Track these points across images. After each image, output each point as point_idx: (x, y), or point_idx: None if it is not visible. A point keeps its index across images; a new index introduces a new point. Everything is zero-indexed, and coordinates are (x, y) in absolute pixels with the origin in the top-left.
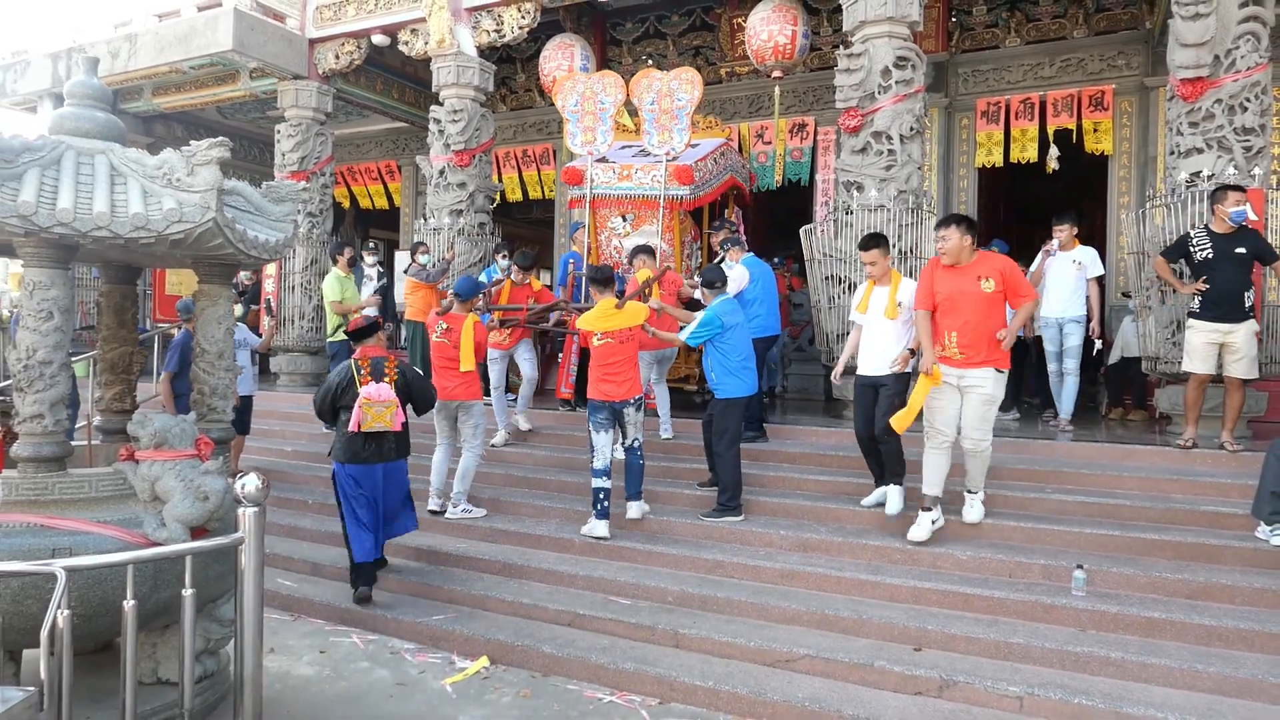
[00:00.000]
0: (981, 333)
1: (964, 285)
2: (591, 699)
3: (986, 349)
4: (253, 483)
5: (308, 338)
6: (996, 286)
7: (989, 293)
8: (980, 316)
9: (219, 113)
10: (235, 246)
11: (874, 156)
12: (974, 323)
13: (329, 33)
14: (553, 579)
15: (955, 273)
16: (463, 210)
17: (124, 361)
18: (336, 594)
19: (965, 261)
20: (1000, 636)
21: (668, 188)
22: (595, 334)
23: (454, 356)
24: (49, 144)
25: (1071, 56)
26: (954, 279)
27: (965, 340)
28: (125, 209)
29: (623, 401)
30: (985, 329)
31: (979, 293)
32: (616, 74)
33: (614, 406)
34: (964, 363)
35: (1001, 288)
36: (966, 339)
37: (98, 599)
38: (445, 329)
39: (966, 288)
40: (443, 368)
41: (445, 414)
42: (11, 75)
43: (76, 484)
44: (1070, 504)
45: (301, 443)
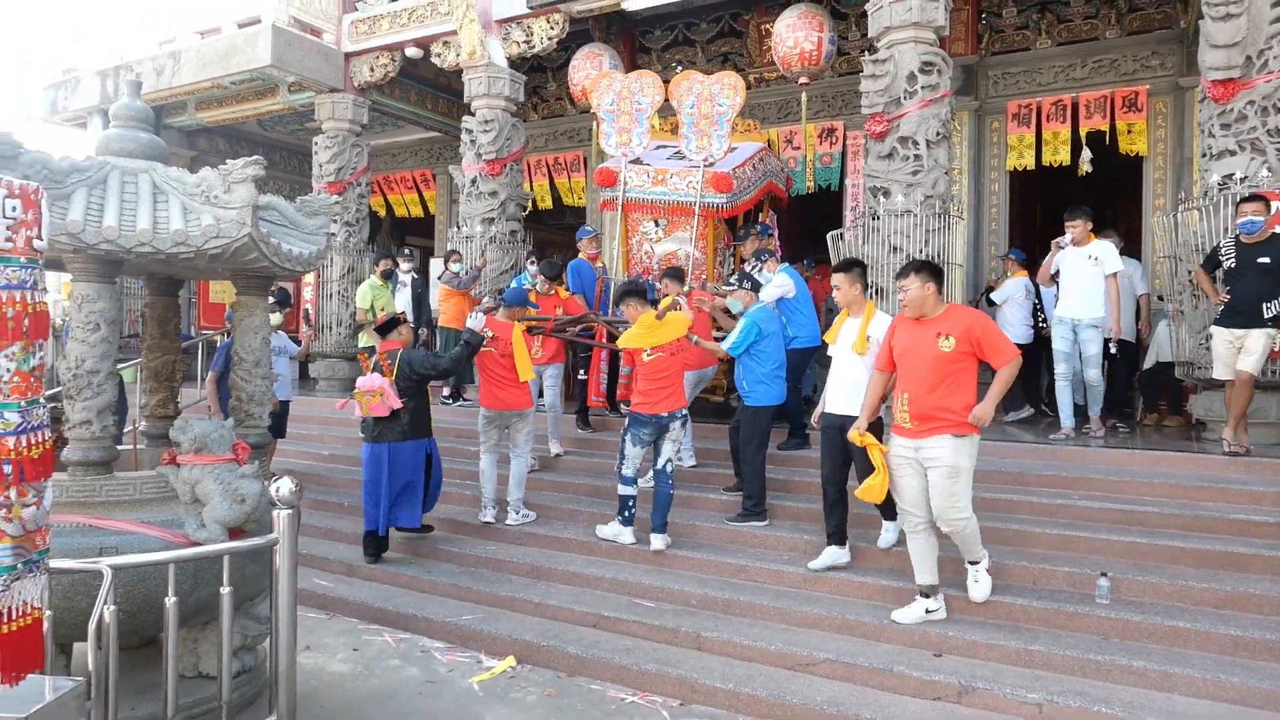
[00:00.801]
0: (934, 399)
1: (920, 342)
2: (614, 699)
3: (940, 413)
4: (286, 486)
5: (344, 344)
6: (959, 346)
7: (946, 352)
8: (933, 379)
9: (260, 125)
10: (270, 260)
11: (900, 162)
12: (926, 386)
13: (363, 46)
14: (579, 581)
15: (916, 327)
16: (494, 218)
17: (167, 369)
18: (370, 594)
19: (930, 314)
20: (1021, 643)
21: (704, 195)
22: (644, 350)
23: (506, 366)
24: (95, 164)
25: (1104, 57)
26: (912, 334)
27: (916, 407)
28: (166, 226)
29: (670, 414)
30: (940, 394)
31: (935, 352)
32: (654, 74)
33: (661, 420)
34: (916, 432)
35: (968, 348)
36: (917, 405)
37: (142, 595)
38: (492, 337)
39: (922, 345)
40: (494, 378)
41: (497, 424)
42: (63, 93)
43: (122, 486)
44: (1097, 510)
45: (338, 447)
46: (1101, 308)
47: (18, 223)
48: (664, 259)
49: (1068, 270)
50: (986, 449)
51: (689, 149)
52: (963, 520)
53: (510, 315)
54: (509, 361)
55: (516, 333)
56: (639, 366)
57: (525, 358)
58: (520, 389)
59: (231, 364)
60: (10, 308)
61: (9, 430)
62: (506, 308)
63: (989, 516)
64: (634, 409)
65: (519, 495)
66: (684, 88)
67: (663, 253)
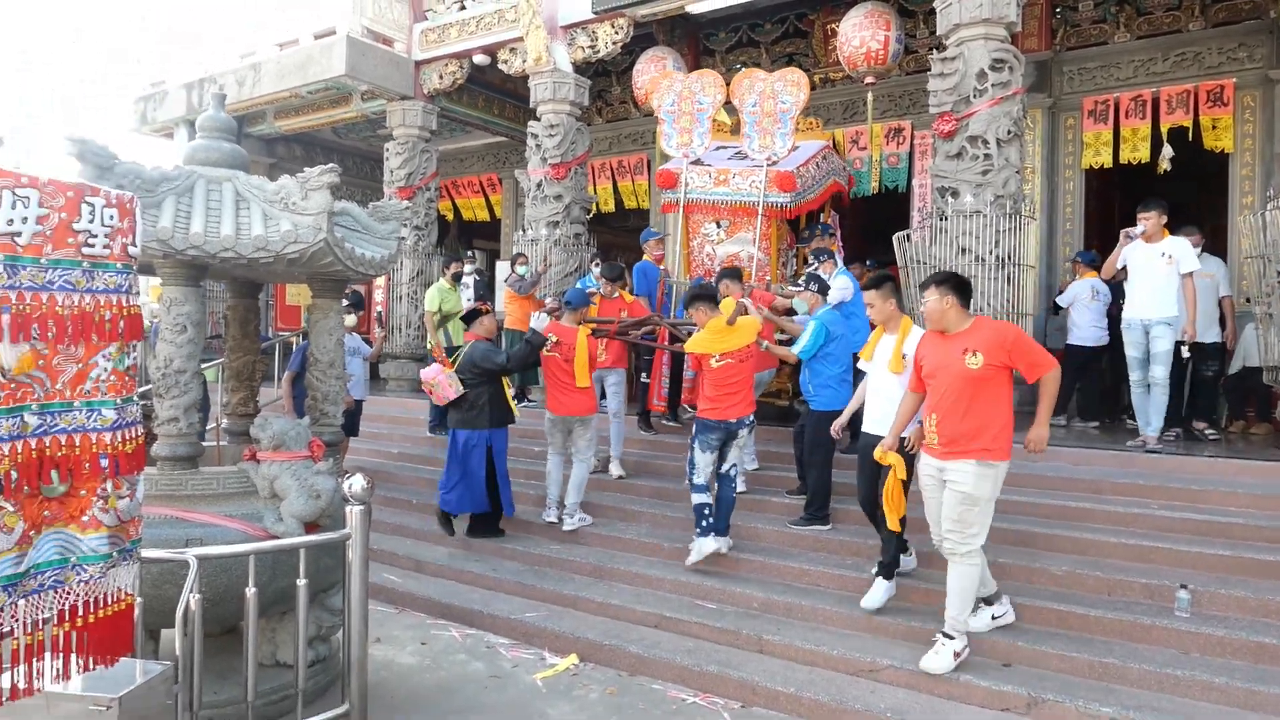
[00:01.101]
0: (964, 419)
1: (947, 359)
2: (675, 699)
3: (969, 438)
4: (359, 483)
5: (414, 345)
6: (988, 360)
7: (974, 369)
8: (963, 399)
9: (333, 133)
10: (344, 264)
11: (969, 161)
12: (956, 408)
13: (433, 54)
14: (640, 581)
15: (942, 343)
16: (559, 222)
17: (248, 369)
18: (438, 590)
19: (955, 329)
20: (1095, 656)
21: (767, 194)
22: (713, 356)
23: (569, 371)
24: (183, 174)
25: (1187, 50)
26: (939, 350)
27: (945, 429)
28: (248, 231)
29: (738, 421)
30: (970, 414)
31: (961, 369)
32: (716, 73)
33: (729, 426)
34: (943, 453)
35: (999, 361)
36: (947, 428)
37: (224, 585)
38: (555, 341)
39: (949, 362)
40: (557, 383)
41: (561, 427)
42: (151, 105)
43: (206, 481)
44: (1176, 520)
45: (407, 445)
46: (1174, 306)
47: (115, 230)
48: (725, 260)
49: (1138, 268)
50: (1062, 455)
51: (751, 148)
52: (964, 552)
53: (575, 318)
54: (572, 367)
55: (581, 337)
56: (706, 372)
57: (585, 365)
58: (582, 394)
59: (307, 364)
60: (108, 310)
61: (106, 426)
62: (570, 310)
63: (1061, 524)
64: (701, 415)
65: (576, 499)
66: (746, 86)
67: (725, 254)
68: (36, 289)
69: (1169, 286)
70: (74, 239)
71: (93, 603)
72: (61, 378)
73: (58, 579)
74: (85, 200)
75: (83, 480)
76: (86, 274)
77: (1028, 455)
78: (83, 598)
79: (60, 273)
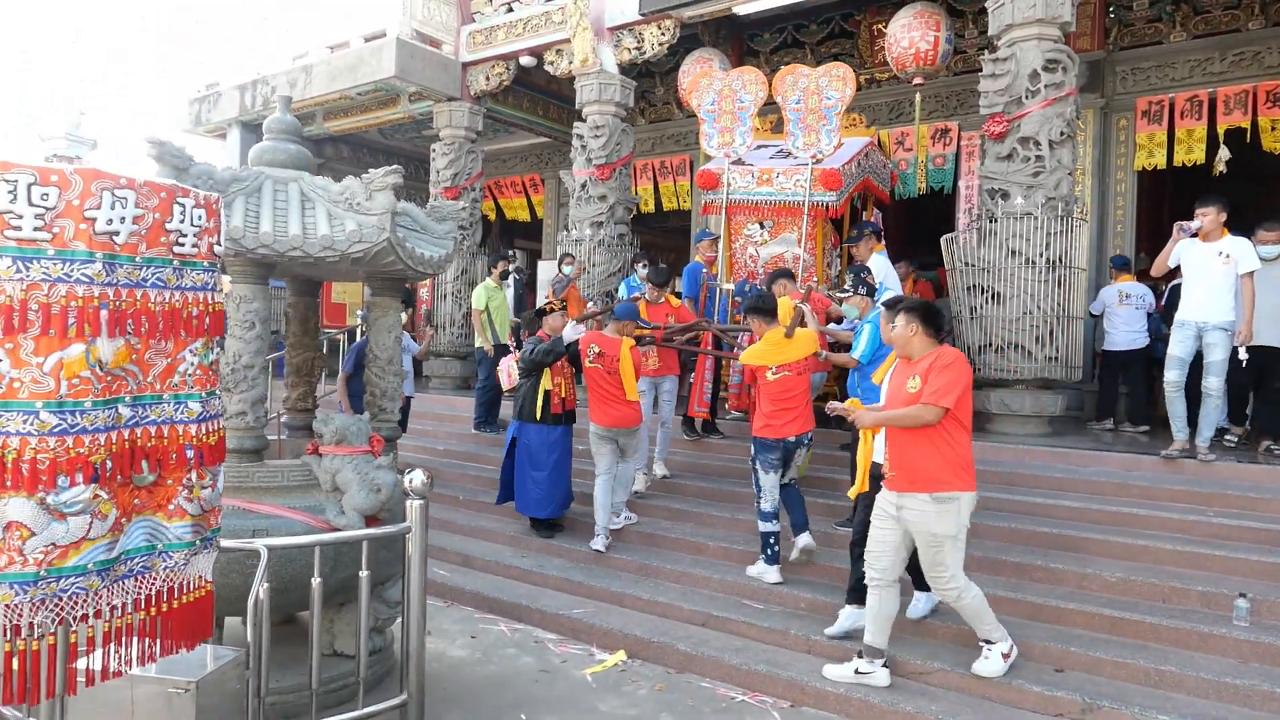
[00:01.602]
0: (908, 446)
1: (899, 384)
2: (724, 697)
3: (916, 467)
4: (419, 478)
5: (457, 343)
6: (923, 384)
7: (912, 393)
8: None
9: (380, 134)
10: (405, 263)
11: (1020, 163)
12: (900, 432)
13: (480, 56)
14: (686, 580)
15: (904, 368)
16: (603, 222)
17: (307, 365)
18: (485, 584)
19: (917, 355)
20: (1150, 663)
21: (813, 193)
22: (769, 368)
23: (614, 383)
24: (251, 174)
25: (1246, 50)
26: (898, 376)
27: (892, 453)
28: (314, 231)
29: (797, 438)
30: (915, 441)
31: (904, 393)
32: (757, 70)
33: (787, 445)
34: (895, 483)
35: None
36: (893, 451)
37: (288, 576)
38: (598, 353)
39: (899, 388)
40: (602, 394)
41: (608, 441)
42: (205, 106)
43: (272, 474)
44: (1234, 528)
45: (452, 442)
46: (1232, 310)
47: (203, 230)
48: (770, 262)
49: (1194, 268)
50: (1112, 460)
51: (796, 146)
52: (952, 591)
53: (620, 329)
54: (617, 379)
55: (624, 350)
56: (762, 385)
57: (632, 377)
58: (630, 406)
59: (365, 361)
60: (195, 307)
61: (192, 419)
62: (615, 321)
63: (1114, 530)
64: (758, 433)
65: (624, 498)
66: (789, 82)
67: (768, 255)
68: (131, 286)
69: (1226, 288)
70: (166, 238)
71: (176, 589)
72: (152, 371)
73: (145, 565)
74: (177, 201)
75: (170, 470)
76: (176, 272)
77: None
78: (167, 584)
79: (153, 270)
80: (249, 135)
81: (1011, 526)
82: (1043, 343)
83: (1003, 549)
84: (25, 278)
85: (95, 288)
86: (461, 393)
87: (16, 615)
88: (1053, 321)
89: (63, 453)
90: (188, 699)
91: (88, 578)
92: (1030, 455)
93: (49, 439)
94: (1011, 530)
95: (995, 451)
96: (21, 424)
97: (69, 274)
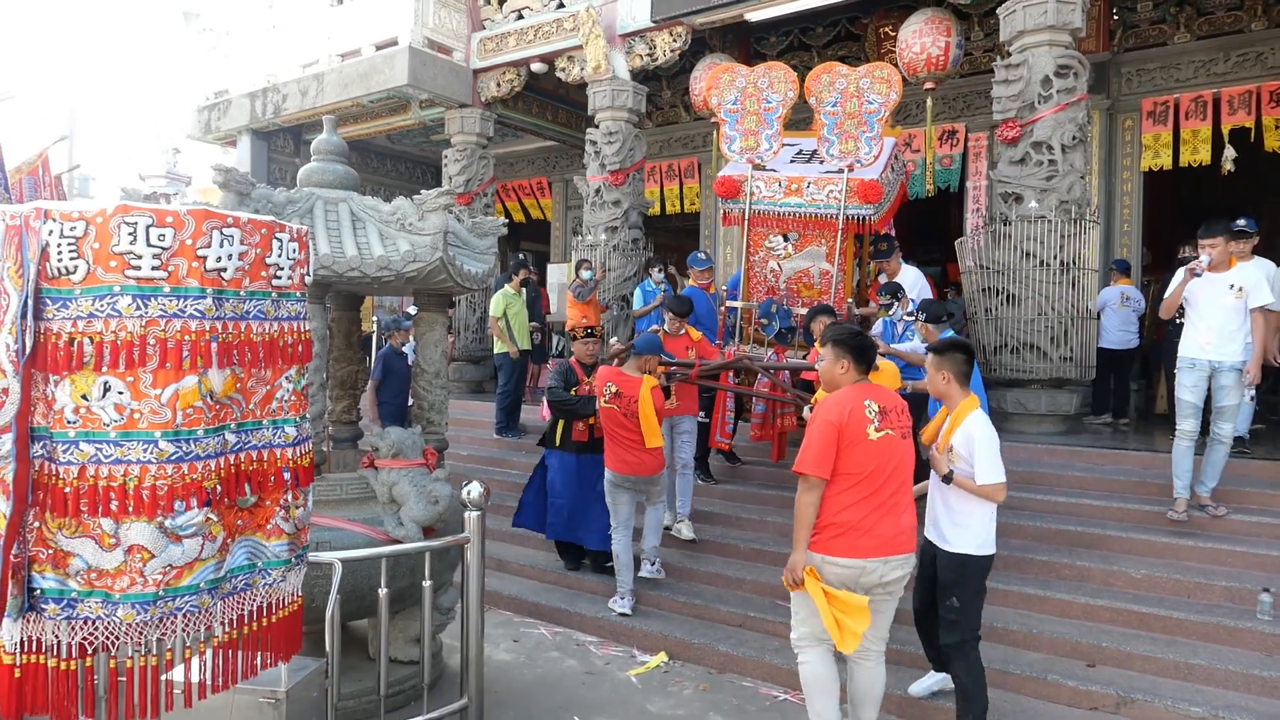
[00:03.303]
0: None
1: None
2: (767, 696)
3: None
4: (476, 490)
5: (471, 348)
6: None
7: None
8: None
9: (388, 140)
10: (455, 280)
11: (1034, 167)
12: None
13: (491, 63)
14: (720, 582)
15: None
16: (617, 227)
17: (351, 378)
18: (522, 589)
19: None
20: (1180, 656)
21: (848, 206)
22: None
23: (630, 427)
24: (303, 196)
25: (1249, 50)
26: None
27: None
28: (369, 251)
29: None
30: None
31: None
32: (786, 66)
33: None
34: None
35: None
36: None
37: (349, 587)
38: (615, 393)
39: None
40: (619, 439)
41: (626, 490)
42: (215, 114)
43: (331, 487)
44: (1255, 525)
45: (474, 448)
46: (1244, 351)
47: (296, 262)
48: (793, 277)
49: (1202, 300)
50: (1129, 459)
51: (831, 152)
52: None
53: (641, 366)
54: (635, 424)
55: (645, 390)
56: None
57: (653, 422)
58: (650, 453)
59: (413, 374)
60: (290, 336)
61: (288, 442)
62: (636, 356)
63: (1135, 528)
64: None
65: (655, 543)
66: (824, 82)
67: (792, 270)
68: (237, 319)
69: (1239, 324)
70: (266, 272)
71: (274, 604)
72: (254, 398)
73: (247, 582)
74: (275, 236)
75: (269, 492)
76: (274, 303)
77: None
78: (266, 600)
79: (255, 303)
80: (260, 143)
81: (1036, 525)
82: (1057, 343)
83: (1029, 547)
84: (144, 314)
85: (206, 322)
86: (477, 396)
87: (138, 633)
88: (1067, 322)
89: (179, 479)
90: (279, 708)
91: (199, 596)
92: (1050, 454)
93: (167, 466)
94: (1037, 529)
95: (1013, 450)
96: (142, 453)
97: (183, 310)
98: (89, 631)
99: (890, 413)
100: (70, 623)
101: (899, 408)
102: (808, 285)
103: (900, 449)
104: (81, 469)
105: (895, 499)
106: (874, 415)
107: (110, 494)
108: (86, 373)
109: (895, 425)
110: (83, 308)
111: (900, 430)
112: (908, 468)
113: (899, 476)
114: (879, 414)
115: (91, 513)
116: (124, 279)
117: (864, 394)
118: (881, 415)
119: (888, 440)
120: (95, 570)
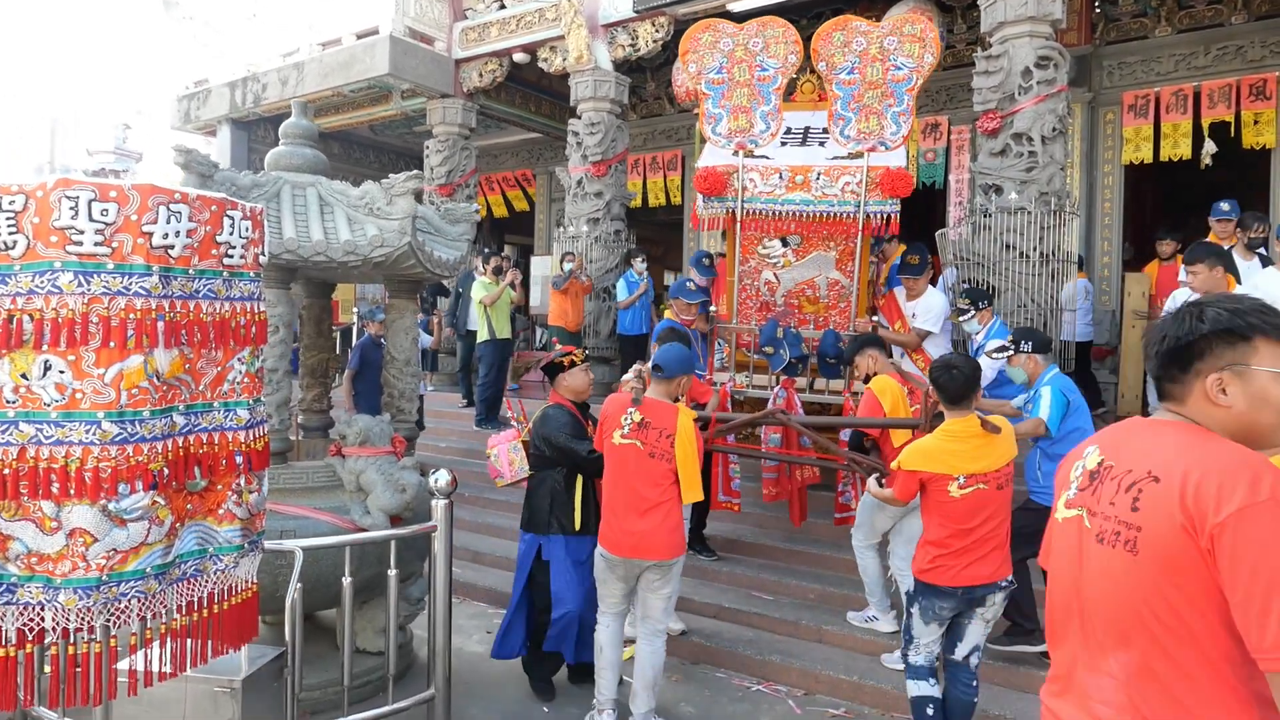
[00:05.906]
0: None
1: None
2: (740, 687)
3: None
4: (444, 478)
5: (450, 340)
6: None
7: None
8: None
9: (370, 130)
10: (424, 265)
11: (1014, 159)
12: None
13: (473, 53)
14: (694, 573)
15: None
16: (599, 218)
17: (321, 366)
18: (497, 580)
19: None
20: None
21: (870, 201)
22: (956, 478)
23: (652, 477)
24: (270, 179)
25: (1229, 44)
26: None
27: None
28: (336, 236)
29: (990, 585)
30: None
31: None
32: (787, 24)
33: (972, 595)
34: None
35: None
36: None
37: (313, 576)
38: (639, 421)
39: None
40: (628, 497)
41: (622, 574)
42: (195, 104)
43: (297, 475)
44: None
45: (454, 439)
46: None
47: (249, 241)
48: (793, 290)
49: None
50: None
51: (847, 133)
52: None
53: (670, 390)
54: (662, 467)
55: (684, 421)
56: (940, 505)
57: (694, 467)
58: (666, 522)
59: (383, 362)
60: (242, 316)
61: (240, 425)
62: (662, 379)
63: None
64: (925, 576)
65: (649, 703)
66: (837, 42)
67: (792, 282)
68: (185, 298)
69: None
70: (216, 250)
71: (225, 591)
72: (203, 380)
73: (197, 568)
74: (227, 214)
75: (220, 476)
76: (226, 283)
77: None
78: (217, 586)
79: (205, 282)
80: (240, 132)
81: None
82: None
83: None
84: (86, 291)
85: (152, 300)
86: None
87: (80, 619)
88: (1046, 314)
89: (123, 461)
90: (235, 696)
91: (146, 581)
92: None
93: (110, 448)
94: None
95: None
96: (84, 434)
97: (128, 287)
98: (29, 617)
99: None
100: (9, 608)
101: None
102: (811, 299)
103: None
104: (21, 450)
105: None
106: None
107: (51, 476)
108: (26, 351)
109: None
110: (22, 284)
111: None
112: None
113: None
114: None
115: (32, 495)
116: (65, 255)
117: None
118: None
119: None
120: (36, 554)
